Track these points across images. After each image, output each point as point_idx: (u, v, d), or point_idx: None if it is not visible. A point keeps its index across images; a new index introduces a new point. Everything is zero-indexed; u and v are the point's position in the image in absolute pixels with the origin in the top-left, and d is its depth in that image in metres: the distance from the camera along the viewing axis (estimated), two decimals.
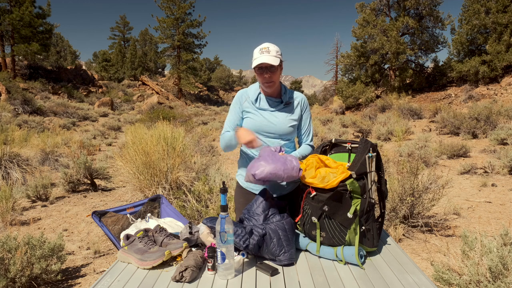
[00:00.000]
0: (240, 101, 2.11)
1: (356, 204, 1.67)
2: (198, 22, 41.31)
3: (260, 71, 1.96)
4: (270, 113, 2.06)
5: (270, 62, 1.90)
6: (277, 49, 1.97)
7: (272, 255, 1.67)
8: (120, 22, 59.08)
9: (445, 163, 7.72)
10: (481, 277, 2.19)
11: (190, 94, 45.75)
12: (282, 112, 2.07)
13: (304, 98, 2.16)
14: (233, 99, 2.17)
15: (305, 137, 2.17)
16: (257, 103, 2.07)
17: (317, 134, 11.74)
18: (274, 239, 1.68)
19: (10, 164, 6.47)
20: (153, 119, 13.29)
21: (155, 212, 2.32)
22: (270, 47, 1.95)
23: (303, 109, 2.13)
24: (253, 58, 1.98)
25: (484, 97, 18.29)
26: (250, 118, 2.08)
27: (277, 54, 1.95)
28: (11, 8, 25.16)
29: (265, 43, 1.98)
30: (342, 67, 30.16)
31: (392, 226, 3.83)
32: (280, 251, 1.66)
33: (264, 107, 2.07)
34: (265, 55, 1.92)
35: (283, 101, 2.07)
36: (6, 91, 20.03)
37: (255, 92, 2.10)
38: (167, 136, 5.16)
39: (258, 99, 2.08)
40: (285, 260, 1.65)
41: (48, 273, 2.88)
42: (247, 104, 2.09)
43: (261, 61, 1.90)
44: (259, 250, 1.69)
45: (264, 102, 2.08)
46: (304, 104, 2.14)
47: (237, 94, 2.15)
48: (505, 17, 19.44)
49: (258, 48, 1.97)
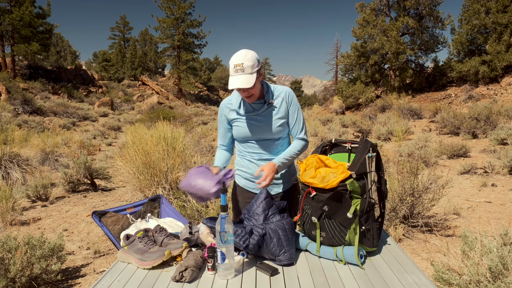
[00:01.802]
0: (224, 113, 2.09)
1: (356, 204, 1.67)
2: (198, 22, 41.32)
3: (237, 89, 1.90)
4: (255, 117, 2.03)
5: (243, 86, 1.82)
6: (252, 60, 1.83)
7: (272, 255, 1.67)
8: (120, 22, 59.09)
9: (445, 163, 7.72)
10: (481, 277, 2.19)
11: (190, 94, 45.74)
12: (267, 113, 2.02)
13: (287, 91, 2.06)
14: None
15: (296, 131, 2.08)
16: (241, 109, 2.03)
17: (317, 134, 11.74)
18: (274, 239, 1.68)
19: (10, 164, 6.47)
20: (153, 119, 13.30)
21: (155, 212, 2.32)
22: (244, 63, 1.81)
23: (288, 103, 2.04)
24: (230, 70, 1.88)
25: (484, 97, 18.28)
26: (237, 126, 2.06)
27: (252, 70, 1.83)
28: (11, 8, 25.15)
29: (239, 56, 1.84)
30: (342, 67, 30.18)
31: (392, 226, 3.83)
32: (280, 251, 1.66)
33: (249, 111, 2.03)
34: (239, 76, 1.83)
35: (266, 101, 2.01)
36: (6, 91, 20.03)
37: (237, 98, 2.05)
38: (167, 136, 5.16)
39: (241, 105, 2.04)
40: (285, 260, 1.65)
41: (48, 273, 2.88)
42: (231, 113, 2.06)
43: (234, 86, 1.82)
44: (259, 250, 1.69)
45: (247, 106, 2.03)
46: (289, 98, 2.04)
47: (221, 106, 2.11)
48: (505, 17, 19.43)
49: (232, 64, 1.85)
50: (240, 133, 2.07)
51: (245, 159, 2.14)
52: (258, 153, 2.09)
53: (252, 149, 2.10)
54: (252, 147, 2.10)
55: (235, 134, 2.11)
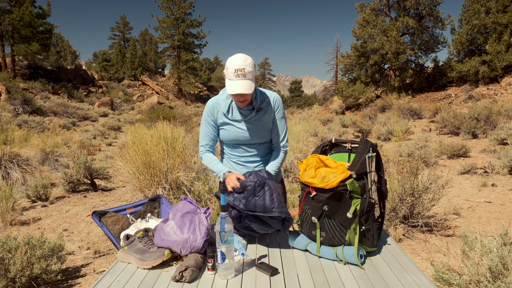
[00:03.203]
0: (212, 113, 2.06)
1: (356, 204, 1.67)
2: (198, 22, 41.32)
3: (234, 94, 1.90)
4: (243, 123, 2.04)
5: (246, 92, 1.82)
6: (251, 66, 1.85)
7: (264, 208, 1.76)
8: (120, 22, 59.08)
9: (445, 163, 7.72)
10: (481, 277, 2.19)
11: (190, 94, 45.74)
12: (255, 119, 2.04)
13: (275, 97, 2.08)
14: (204, 109, 2.11)
15: (279, 138, 2.12)
16: (229, 114, 2.03)
17: (317, 134, 11.74)
18: (268, 192, 1.79)
19: (10, 164, 6.47)
20: (153, 119, 13.30)
21: (155, 212, 2.32)
22: (245, 68, 1.83)
23: (275, 109, 2.07)
24: (227, 74, 1.87)
25: (484, 97, 18.28)
26: (225, 130, 2.07)
27: (252, 75, 1.86)
28: (11, 8, 25.15)
29: (239, 60, 1.84)
30: (342, 67, 30.18)
31: (392, 226, 3.83)
32: (271, 206, 1.77)
33: (237, 118, 2.03)
34: (240, 81, 1.83)
35: (255, 108, 2.01)
36: (6, 91, 20.04)
37: (226, 101, 2.03)
38: (167, 136, 5.16)
39: (230, 110, 2.03)
40: (276, 213, 1.75)
41: (48, 273, 2.88)
42: (220, 115, 2.05)
43: (237, 91, 1.82)
44: (252, 199, 1.77)
45: (236, 112, 2.03)
46: (276, 103, 2.07)
47: (208, 105, 2.07)
48: (505, 17, 19.43)
49: (232, 68, 1.83)
50: (228, 138, 2.08)
51: (232, 161, 2.17)
52: (245, 156, 2.13)
53: (239, 152, 2.13)
54: (239, 150, 2.13)
55: (223, 138, 2.12)
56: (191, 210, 1.78)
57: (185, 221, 1.71)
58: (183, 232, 1.67)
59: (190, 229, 1.68)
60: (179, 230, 1.68)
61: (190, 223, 1.70)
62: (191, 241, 1.65)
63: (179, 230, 1.68)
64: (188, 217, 1.73)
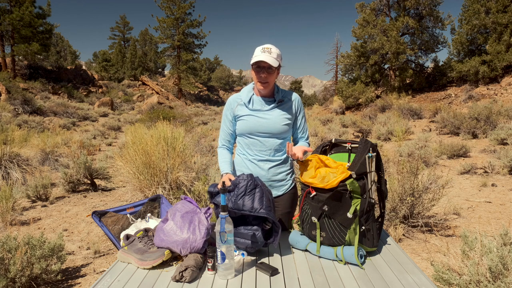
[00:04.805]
0: (232, 107, 2.13)
1: (356, 204, 1.67)
2: (198, 22, 41.32)
3: (257, 70, 1.98)
4: (263, 113, 2.07)
5: (269, 62, 1.93)
6: (278, 52, 2.00)
7: (251, 208, 1.73)
8: (120, 22, 59.10)
9: (445, 163, 7.72)
10: (481, 277, 2.19)
11: (190, 94, 45.76)
12: (275, 110, 2.09)
13: (298, 98, 2.20)
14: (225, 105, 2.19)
15: (302, 134, 2.22)
16: (250, 105, 2.09)
17: (317, 134, 11.73)
18: (259, 194, 1.77)
19: (10, 164, 6.47)
20: (153, 119, 13.30)
21: (155, 212, 2.32)
22: (272, 49, 1.98)
23: (297, 108, 2.17)
24: (253, 55, 2.00)
25: (484, 97, 18.28)
26: (243, 120, 2.09)
27: (277, 57, 1.98)
28: (11, 8, 25.15)
29: (268, 44, 2.01)
30: (342, 67, 30.17)
31: (392, 226, 3.83)
32: (259, 207, 1.74)
33: (257, 108, 2.08)
34: (266, 55, 1.95)
35: (276, 100, 2.09)
36: (6, 91, 20.03)
37: (248, 93, 2.12)
38: (167, 136, 5.16)
39: (251, 101, 2.10)
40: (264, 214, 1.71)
41: (48, 273, 2.88)
42: (240, 107, 2.10)
43: (261, 58, 1.93)
44: (241, 198, 1.75)
45: (257, 103, 2.09)
46: (299, 104, 2.18)
47: (229, 100, 2.17)
48: (505, 17, 19.42)
49: (260, 47, 2.00)
50: (246, 128, 2.08)
51: (246, 160, 2.15)
52: (260, 153, 2.10)
53: (254, 147, 2.10)
54: (255, 144, 2.10)
55: (240, 129, 2.11)
56: (190, 210, 1.78)
57: (185, 221, 1.71)
58: (183, 232, 1.67)
59: (190, 229, 1.68)
60: (179, 230, 1.68)
61: (190, 223, 1.70)
62: (191, 241, 1.65)
63: (179, 230, 1.68)
64: (188, 217, 1.73)
